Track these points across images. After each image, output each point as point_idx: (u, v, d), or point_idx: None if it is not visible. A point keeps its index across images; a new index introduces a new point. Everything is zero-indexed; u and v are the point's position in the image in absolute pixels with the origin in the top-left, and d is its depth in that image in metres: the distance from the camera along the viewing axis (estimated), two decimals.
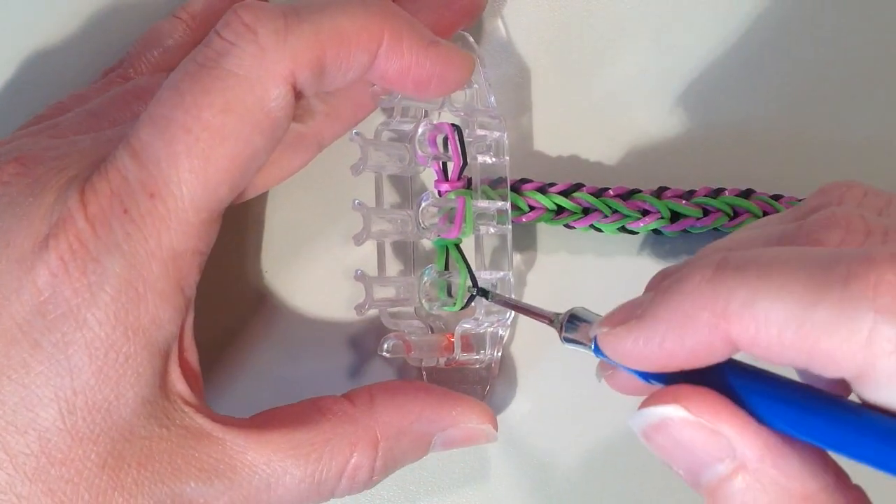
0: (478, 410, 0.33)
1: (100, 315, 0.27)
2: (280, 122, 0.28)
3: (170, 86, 0.28)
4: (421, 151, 0.33)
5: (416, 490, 0.36)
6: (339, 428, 0.30)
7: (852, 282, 0.21)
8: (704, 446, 0.23)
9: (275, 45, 0.27)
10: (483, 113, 0.34)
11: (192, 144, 0.27)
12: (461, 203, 0.33)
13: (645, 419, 0.24)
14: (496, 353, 0.35)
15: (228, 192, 0.28)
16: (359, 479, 0.31)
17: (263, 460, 0.29)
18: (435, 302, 0.34)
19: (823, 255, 0.22)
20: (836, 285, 0.21)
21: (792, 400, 0.23)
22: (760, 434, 0.23)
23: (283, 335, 0.36)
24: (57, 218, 0.27)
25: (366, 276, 0.33)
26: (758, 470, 0.23)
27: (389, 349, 0.33)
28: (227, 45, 0.27)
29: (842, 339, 0.21)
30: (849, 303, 0.21)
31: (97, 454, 0.28)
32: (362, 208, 0.33)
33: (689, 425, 0.24)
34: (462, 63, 0.30)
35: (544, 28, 0.36)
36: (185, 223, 0.28)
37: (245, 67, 0.27)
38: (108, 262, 0.27)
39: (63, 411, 0.27)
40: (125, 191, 0.27)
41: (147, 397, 0.28)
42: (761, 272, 0.22)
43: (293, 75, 0.28)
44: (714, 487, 0.24)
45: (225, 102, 0.27)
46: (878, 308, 0.21)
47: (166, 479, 0.28)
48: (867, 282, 0.21)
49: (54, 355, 0.27)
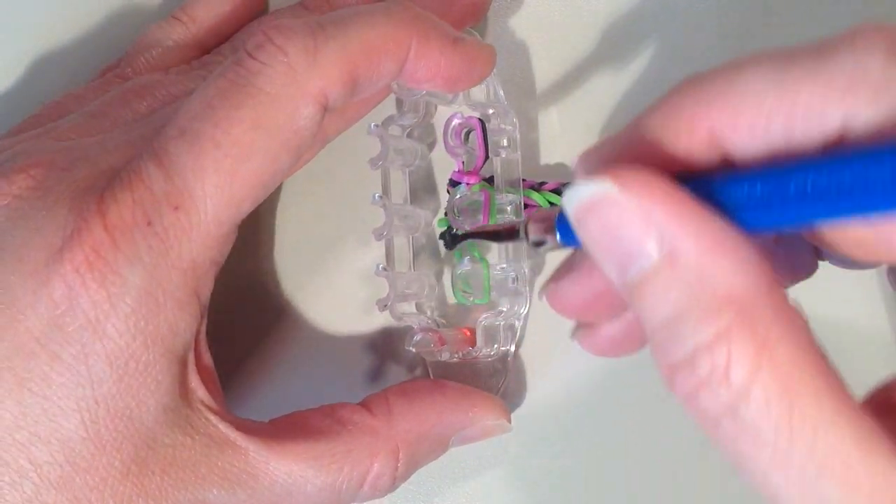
0: (492, 407, 0.33)
1: (120, 326, 0.27)
2: (306, 140, 0.28)
3: (200, 99, 0.28)
4: (451, 142, 0.34)
5: (426, 483, 0.36)
6: (359, 439, 0.30)
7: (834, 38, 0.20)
8: (632, 233, 0.20)
9: (305, 64, 0.27)
10: (496, 107, 0.34)
11: (220, 159, 0.27)
12: (486, 196, 0.33)
13: (576, 195, 0.21)
14: (511, 347, 0.35)
15: (250, 206, 0.28)
16: (381, 486, 0.31)
17: (285, 470, 0.29)
18: (468, 295, 0.34)
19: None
20: (810, 47, 0.20)
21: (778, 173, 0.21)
22: (700, 225, 0.20)
23: (296, 336, 0.36)
24: (72, 229, 0.27)
25: (389, 271, 0.34)
26: (685, 265, 0.20)
27: (418, 343, 0.33)
28: (259, 64, 0.27)
29: (825, 82, 0.20)
30: (827, 49, 0.20)
31: (121, 461, 0.28)
32: (383, 203, 0.33)
33: (618, 206, 0.20)
34: (487, 56, 0.31)
35: (548, 25, 0.36)
36: (206, 236, 0.28)
37: (277, 86, 0.27)
38: (129, 274, 0.27)
39: (86, 421, 0.27)
40: (150, 202, 0.27)
41: (168, 405, 0.28)
42: (732, 62, 0.21)
43: (324, 93, 0.28)
44: (635, 285, 0.21)
45: (256, 119, 0.27)
46: (856, 48, 0.20)
47: (190, 487, 0.29)
48: (850, 33, 0.20)
49: (74, 367, 0.27)
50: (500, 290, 0.34)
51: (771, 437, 0.20)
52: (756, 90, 0.21)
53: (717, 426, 0.20)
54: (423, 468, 0.35)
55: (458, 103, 0.33)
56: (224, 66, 0.28)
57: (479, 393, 0.33)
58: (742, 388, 0.20)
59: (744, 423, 0.20)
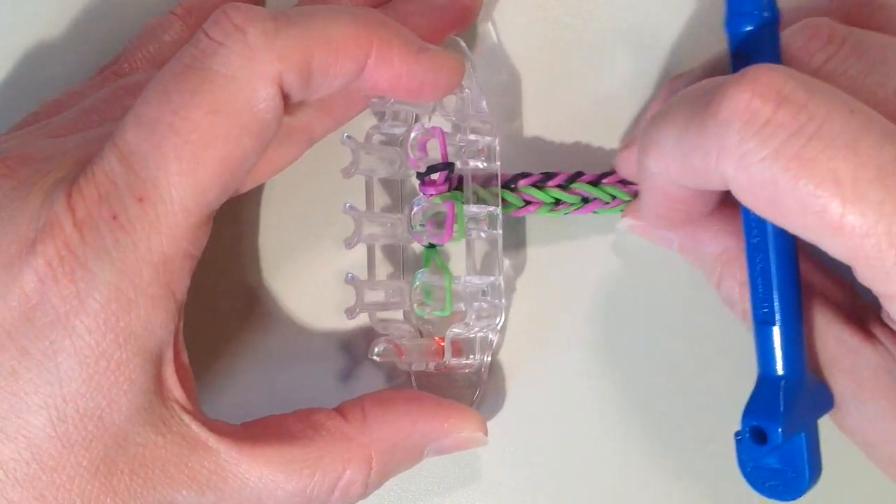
0: (469, 419, 0.33)
1: (89, 322, 0.27)
2: (269, 124, 0.28)
3: (156, 85, 0.27)
4: (412, 155, 0.33)
5: (403, 493, 0.36)
6: (332, 445, 0.30)
7: (709, 105, 0.25)
8: (656, 237, 0.34)
9: (264, 45, 0.27)
10: (475, 118, 0.34)
11: (180, 146, 0.27)
12: (451, 207, 0.33)
13: (623, 226, 0.35)
14: (486, 358, 0.35)
15: (218, 194, 0.28)
16: (352, 493, 0.31)
17: (256, 474, 0.29)
18: (426, 307, 0.34)
19: (708, 85, 0.26)
20: (699, 110, 0.26)
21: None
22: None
23: (273, 338, 0.36)
24: (44, 222, 0.27)
25: (356, 280, 0.33)
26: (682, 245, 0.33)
27: (380, 353, 0.33)
28: (216, 45, 0.27)
29: (703, 156, 0.26)
30: (704, 123, 0.25)
31: (89, 461, 0.27)
32: (353, 212, 0.33)
33: (638, 227, 0.34)
34: (453, 67, 0.30)
35: (537, 32, 0.36)
36: (175, 227, 0.27)
37: (233, 68, 0.27)
38: (97, 269, 0.27)
39: (53, 419, 0.27)
40: (113, 195, 0.27)
41: (143, 404, 0.28)
42: (665, 109, 0.27)
43: (280, 77, 0.27)
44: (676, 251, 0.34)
45: (213, 103, 0.27)
46: (720, 121, 0.25)
47: (158, 487, 0.28)
48: (718, 99, 0.25)
49: (43, 363, 0.27)
50: (470, 302, 0.34)
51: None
52: (667, 147, 0.27)
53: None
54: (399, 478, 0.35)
55: (437, 113, 0.33)
56: (183, 49, 0.28)
57: (456, 404, 0.33)
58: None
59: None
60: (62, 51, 0.37)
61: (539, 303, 0.36)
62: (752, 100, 0.25)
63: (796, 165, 0.24)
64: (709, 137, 0.25)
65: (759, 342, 0.29)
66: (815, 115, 0.24)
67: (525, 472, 0.36)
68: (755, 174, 0.25)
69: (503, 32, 0.37)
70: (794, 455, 0.29)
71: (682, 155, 0.26)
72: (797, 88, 0.25)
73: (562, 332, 0.36)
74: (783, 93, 0.25)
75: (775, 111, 0.24)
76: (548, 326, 0.36)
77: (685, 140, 0.26)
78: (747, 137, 0.25)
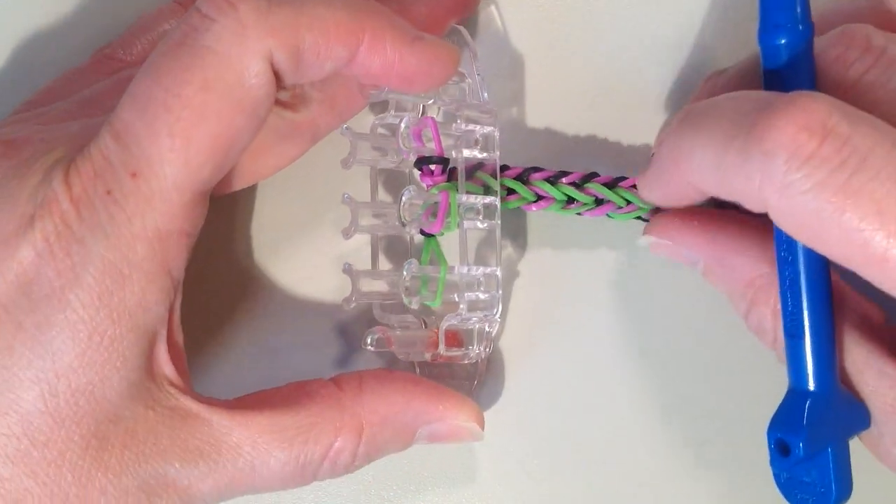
0: (466, 408, 0.33)
1: (83, 297, 0.27)
2: (261, 101, 0.28)
3: (150, 64, 0.28)
4: (404, 146, 0.33)
5: (401, 486, 0.36)
6: (326, 412, 0.30)
7: (753, 129, 0.25)
8: (679, 257, 0.33)
9: (255, 21, 0.27)
10: (475, 107, 0.34)
11: (172, 123, 0.27)
12: (444, 197, 0.33)
13: (643, 244, 0.34)
14: (484, 350, 0.35)
15: (212, 172, 0.28)
16: (340, 462, 0.30)
17: (249, 442, 0.29)
18: (415, 296, 0.34)
19: (747, 104, 0.26)
20: (741, 132, 0.26)
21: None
22: (710, 245, 0.32)
23: (273, 325, 0.36)
24: (42, 199, 0.27)
25: (353, 270, 0.33)
26: (708, 267, 0.32)
27: (373, 343, 0.33)
28: (208, 21, 0.27)
29: (744, 179, 0.26)
30: (746, 147, 0.26)
31: (80, 436, 0.28)
32: (351, 202, 0.33)
33: (662, 246, 0.33)
34: (447, 58, 0.30)
35: (540, 20, 0.36)
36: (168, 203, 0.28)
37: (224, 44, 0.27)
38: (92, 244, 0.27)
39: (45, 394, 0.27)
40: (108, 171, 0.27)
41: (134, 381, 0.28)
42: (699, 118, 0.27)
43: (271, 54, 0.28)
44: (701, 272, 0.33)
45: (204, 80, 0.27)
46: (766, 151, 0.25)
47: (150, 460, 0.28)
48: (763, 127, 0.25)
49: (36, 337, 0.27)
50: (463, 293, 0.33)
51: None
52: (702, 166, 0.27)
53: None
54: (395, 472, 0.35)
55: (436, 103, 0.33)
56: (175, 26, 0.28)
57: (453, 392, 0.33)
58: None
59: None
60: (61, 42, 0.37)
61: (540, 294, 0.36)
62: (798, 134, 0.25)
63: (840, 198, 0.25)
64: (752, 164, 0.25)
65: (788, 355, 0.29)
66: (859, 149, 0.25)
67: (524, 464, 0.35)
68: (798, 205, 0.25)
69: (506, 18, 0.37)
70: (821, 470, 0.29)
71: (722, 174, 0.26)
72: (841, 122, 0.25)
73: (563, 323, 0.36)
74: (828, 126, 0.25)
75: (820, 145, 0.25)
76: (549, 318, 0.36)
77: (726, 159, 0.26)
78: (792, 170, 0.25)
